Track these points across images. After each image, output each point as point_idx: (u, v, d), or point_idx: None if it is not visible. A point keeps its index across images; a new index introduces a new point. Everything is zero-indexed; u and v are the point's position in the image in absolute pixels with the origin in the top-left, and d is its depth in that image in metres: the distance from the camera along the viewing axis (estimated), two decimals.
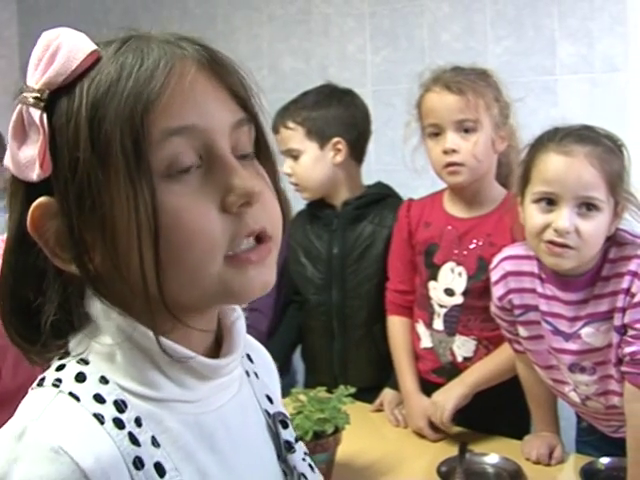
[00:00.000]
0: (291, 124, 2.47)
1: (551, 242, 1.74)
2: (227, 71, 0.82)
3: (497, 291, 1.97)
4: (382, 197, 2.51)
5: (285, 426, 0.96)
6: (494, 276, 1.98)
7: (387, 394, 2.37)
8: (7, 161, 0.80)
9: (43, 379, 0.81)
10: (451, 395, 2.12)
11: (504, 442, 2.09)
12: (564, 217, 1.72)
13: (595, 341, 1.83)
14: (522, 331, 1.96)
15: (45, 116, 0.76)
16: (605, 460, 1.88)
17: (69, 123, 0.76)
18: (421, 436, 2.17)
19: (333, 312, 2.50)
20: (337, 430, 1.86)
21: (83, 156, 0.75)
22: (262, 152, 0.87)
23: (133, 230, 0.75)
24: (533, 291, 1.90)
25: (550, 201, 1.76)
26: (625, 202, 1.77)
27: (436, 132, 2.13)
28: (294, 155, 2.48)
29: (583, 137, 1.75)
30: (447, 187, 2.26)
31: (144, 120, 0.75)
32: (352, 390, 1.91)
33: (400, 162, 2.47)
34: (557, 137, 1.77)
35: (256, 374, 0.98)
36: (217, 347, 0.88)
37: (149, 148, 0.75)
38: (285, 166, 2.49)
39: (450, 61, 2.23)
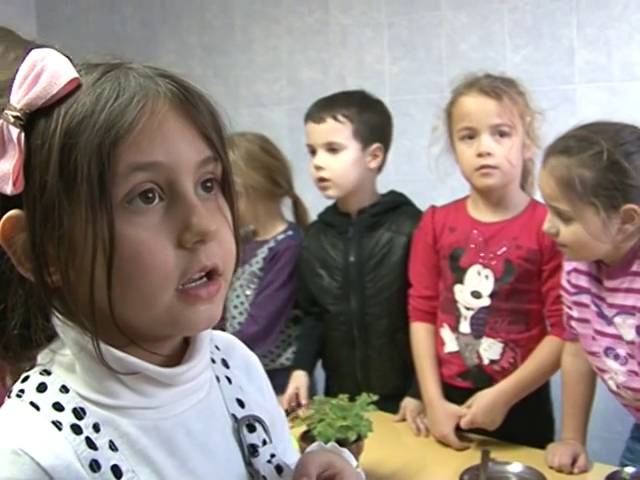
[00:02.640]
0: (341, 117, 2.43)
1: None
2: (198, 111, 0.85)
3: (567, 266, 2.01)
4: (397, 205, 2.51)
5: (252, 430, 0.98)
6: None
7: (409, 403, 2.36)
8: None
9: (11, 390, 0.86)
10: (496, 417, 2.13)
11: (527, 451, 2.08)
12: (546, 220, 1.90)
13: (623, 333, 1.85)
14: (574, 311, 2.00)
15: (23, 135, 0.81)
16: (630, 469, 1.87)
17: (43, 146, 0.80)
18: (443, 445, 2.16)
19: (353, 321, 2.49)
20: (360, 438, 1.86)
21: (51, 180, 0.79)
22: (226, 189, 0.91)
23: (89, 255, 0.80)
24: (589, 274, 1.94)
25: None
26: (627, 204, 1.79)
27: (469, 135, 2.16)
28: (334, 148, 2.44)
29: (556, 147, 1.86)
30: (471, 193, 2.28)
31: (111, 153, 0.78)
32: (375, 398, 1.91)
33: (418, 172, 2.49)
34: (552, 145, 1.88)
35: (229, 379, 1.00)
36: (180, 356, 0.92)
37: (114, 180, 0.79)
38: (317, 159, 2.45)
39: (469, 71, 2.24)
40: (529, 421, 2.19)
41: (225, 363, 1.02)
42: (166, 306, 0.82)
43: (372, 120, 2.47)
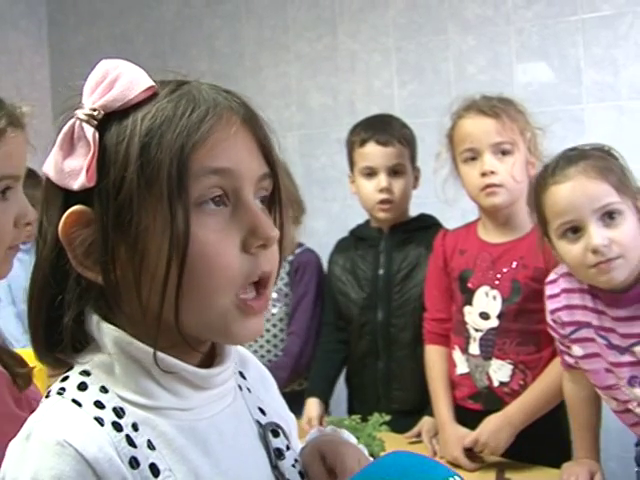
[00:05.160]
0: (404, 141, 2.50)
1: (596, 264, 1.73)
2: (262, 130, 0.91)
3: (550, 305, 1.96)
4: (429, 225, 2.55)
5: (276, 435, 1.00)
6: (549, 290, 1.96)
7: (426, 422, 2.36)
8: (47, 168, 0.87)
9: (50, 391, 0.88)
10: (501, 439, 2.10)
11: (542, 471, 2.06)
12: (594, 235, 1.71)
13: None
14: (577, 350, 1.93)
15: (97, 134, 0.84)
16: None
17: (120, 145, 0.84)
18: (457, 466, 2.14)
19: (378, 331, 2.51)
20: (372, 457, 1.86)
21: (131, 176, 0.83)
22: (276, 204, 0.96)
23: (164, 252, 0.82)
24: (584, 307, 1.88)
25: (574, 229, 1.76)
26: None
27: (472, 157, 2.17)
28: (398, 171, 2.49)
29: (571, 158, 1.78)
30: (481, 215, 2.29)
31: (191, 155, 0.83)
32: (387, 418, 1.91)
33: (431, 194, 2.50)
34: (549, 171, 1.81)
35: (248, 389, 1.03)
36: (209, 360, 0.94)
37: (190, 181, 0.83)
38: (385, 181, 2.47)
39: (476, 92, 2.26)
40: (544, 441, 2.17)
41: (242, 375, 1.04)
42: (222, 311, 0.86)
43: (414, 142, 2.55)
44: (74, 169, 0.84)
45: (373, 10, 3.58)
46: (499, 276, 2.18)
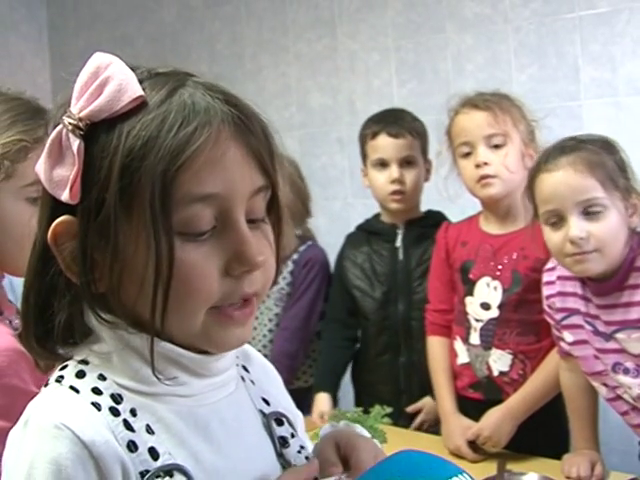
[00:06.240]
0: (415, 134, 2.52)
1: (573, 254, 1.79)
2: (256, 137, 0.86)
3: (545, 291, 2.01)
4: (441, 221, 2.54)
5: (280, 424, 1.00)
6: (546, 277, 2.01)
7: (428, 403, 2.43)
8: (39, 170, 0.85)
9: (49, 379, 0.89)
10: (504, 432, 2.13)
11: (543, 462, 2.07)
12: (573, 227, 1.77)
13: (629, 347, 1.83)
14: (567, 336, 1.97)
15: (83, 146, 0.81)
16: None
17: (103, 162, 0.81)
18: (458, 456, 2.16)
19: (399, 325, 2.53)
20: None
21: (110, 199, 0.80)
22: (275, 212, 0.93)
23: (148, 275, 0.81)
24: (575, 295, 1.93)
25: (557, 218, 1.81)
26: (634, 192, 1.81)
27: (468, 151, 2.20)
28: (410, 162, 2.51)
29: (565, 149, 1.82)
30: (482, 208, 2.31)
31: (175, 181, 0.80)
32: (389, 410, 1.93)
33: (430, 191, 2.52)
34: (543, 158, 1.86)
35: (252, 381, 1.03)
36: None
37: (173, 207, 0.80)
38: (396, 172, 2.49)
39: (474, 90, 2.29)
40: (544, 432, 2.19)
41: (245, 369, 1.04)
42: (202, 326, 0.85)
43: (426, 135, 2.56)
44: (62, 179, 0.82)
45: (372, 10, 3.60)
46: (500, 267, 2.20)
